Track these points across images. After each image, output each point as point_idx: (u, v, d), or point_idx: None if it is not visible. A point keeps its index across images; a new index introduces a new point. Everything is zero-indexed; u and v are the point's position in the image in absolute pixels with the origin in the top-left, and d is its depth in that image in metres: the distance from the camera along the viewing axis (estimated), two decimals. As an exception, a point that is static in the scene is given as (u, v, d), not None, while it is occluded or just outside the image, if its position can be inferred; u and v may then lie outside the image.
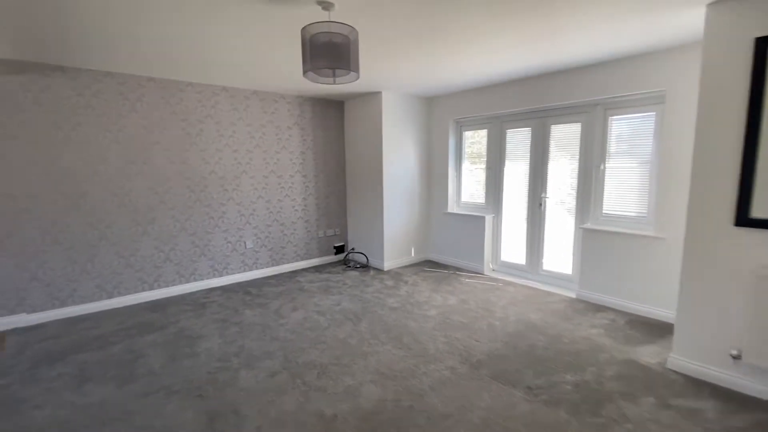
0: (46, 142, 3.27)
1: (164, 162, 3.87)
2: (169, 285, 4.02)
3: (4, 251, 3.16)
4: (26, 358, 2.72)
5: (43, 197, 3.29)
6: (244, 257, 4.53)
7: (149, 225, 3.84)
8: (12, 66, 3.09)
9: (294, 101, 4.78)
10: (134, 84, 3.64)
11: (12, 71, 3.09)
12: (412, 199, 5.12)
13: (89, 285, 3.57)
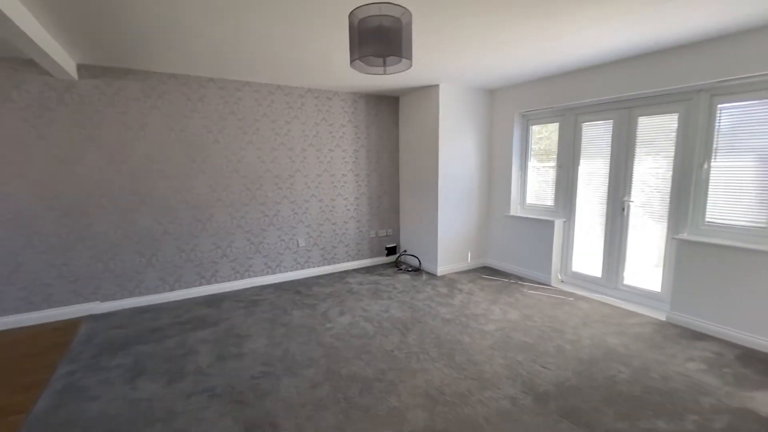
0: (118, 142, 3.47)
1: (222, 161, 3.96)
2: (225, 280, 4.12)
3: (82, 243, 3.42)
4: (93, 345, 2.89)
5: (115, 194, 3.50)
6: (296, 256, 4.53)
7: (208, 221, 3.95)
8: (90, 70, 3.31)
9: (348, 98, 4.67)
10: (196, 85, 3.76)
11: (90, 75, 3.31)
12: (469, 200, 4.76)
13: (153, 277, 3.76)
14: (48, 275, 3.33)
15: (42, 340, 2.99)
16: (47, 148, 3.22)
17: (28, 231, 3.22)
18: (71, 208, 3.35)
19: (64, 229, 3.34)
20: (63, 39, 2.71)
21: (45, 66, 2.88)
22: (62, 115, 3.25)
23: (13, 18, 2.07)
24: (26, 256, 3.24)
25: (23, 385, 2.39)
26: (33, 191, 3.21)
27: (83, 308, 3.48)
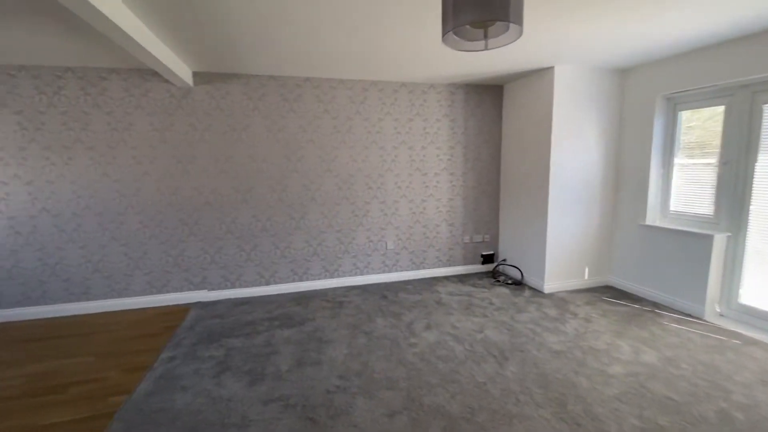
0: (224, 143, 3.70)
1: (316, 160, 3.97)
2: (315, 278, 4.14)
3: (193, 235, 3.74)
4: (195, 333, 3.10)
5: (220, 191, 3.75)
6: (384, 258, 4.34)
7: (301, 219, 4.00)
8: (203, 77, 3.58)
9: (444, 90, 4.29)
10: (293, 85, 3.81)
11: (202, 81, 3.59)
12: (589, 205, 3.95)
13: (252, 271, 3.95)
14: (167, 263, 3.72)
15: (157, 322, 3.33)
16: (168, 150, 3.58)
17: (152, 223, 3.63)
18: (185, 203, 3.69)
19: (179, 223, 3.70)
20: (179, 50, 2.93)
21: (166, 75, 3.17)
22: (180, 120, 3.58)
23: (135, 37, 2.30)
24: (151, 246, 3.66)
25: (134, 365, 2.63)
26: (157, 188, 3.60)
27: (194, 296, 3.82)
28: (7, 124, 3.24)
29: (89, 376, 2.51)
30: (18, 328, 3.27)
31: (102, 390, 2.34)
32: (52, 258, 3.46)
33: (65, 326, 3.29)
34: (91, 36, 2.63)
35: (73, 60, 3.17)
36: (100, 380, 2.45)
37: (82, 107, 3.37)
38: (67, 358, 2.74)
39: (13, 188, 3.31)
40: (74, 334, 3.14)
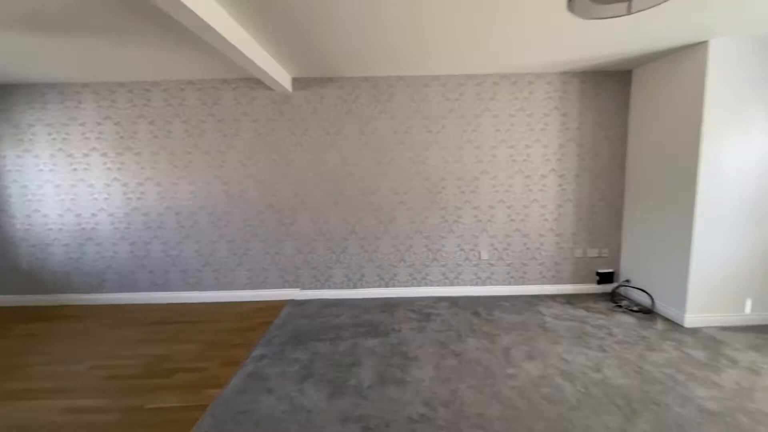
0: (318, 146, 3.76)
1: (406, 162, 3.79)
2: (402, 285, 3.96)
3: (289, 236, 3.88)
4: (285, 331, 3.16)
5: (313, 194, 3.82)
6: (477, 269, 3.95)
7: (389, 224, 3.87)
8: (301, 83, 3.68)
9: (555, 80, 3.72)
10: (385, 85, 3.69)
11: (300, 87, 3.68)
12: (756, 218, 3.02)
13: (340, 273, 3.94)
14: (265, 261, 3.93)
15: (253, 317, 3.51)
16: (268, 154, 3.77)
17: (254, 222, 3.86)
18: (283, 204, 3.84)
19: (277, 223, 3.87)
20: (281, 57, 3.03)
21: (269, 83, 3.31)
22: (280, 125, 3.73)
23: (243, 49, 2.46)
24: (252, 244, 3.90)
25: (229, 358, 2.76)
26: (259, 190, 3.82)
27: (288, 293, 3.96)
28: (143, 132, 3.75)
29: (193, 364, 2.70)
30: (146, 310, 3.76)
31: (201, 380, 2.49)
32: (174, 251, 3.91)
33: (181, 312, 3.67)
34: (208, 51, 2.84)
35: (193, 74, 3.51)
36: (200, 370, 2.62)
37: (200, 116, 3.73)
38: (178, 344, 3.01)
39: (147, 188, 3.83)
40: (187, 320, 3.48)
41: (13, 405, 2.27)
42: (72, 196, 3.85)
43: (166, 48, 2.80)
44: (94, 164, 3.80)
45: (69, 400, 2.31)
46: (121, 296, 3.97)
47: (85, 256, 3.92)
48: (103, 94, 3.71)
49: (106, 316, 3.65)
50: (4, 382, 2.52)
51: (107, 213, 3.86)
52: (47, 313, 3.74)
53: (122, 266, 3.93)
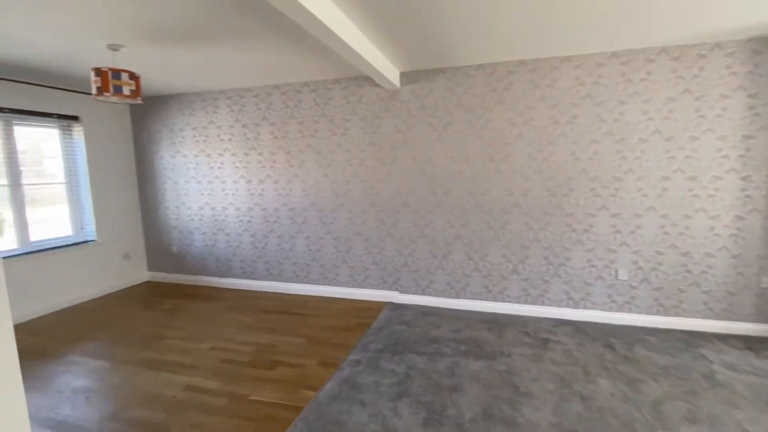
0: (424, 143, 3.52)
1: (525, 159, 3.29)
2: (513, 301, 3.48)
3: (390, 236, 3.75)
4: (382, 336, 3.03)
5: (417, 193, 3.61)
6: (612, 290, 3.23)
7: (501, 229, 3.42)
8: (408, 77, 3.49)
9: (740, 50, 2.78)
10: (503, 72, 3.25)
11: (408, 81, 3.50)
12: None
13: (442, 280, 3.66)
14: (367, 260, 3.88)
15: (353, 317, 3.47)
16: (374, 152, 3.69)
17: (357, 221, 3.84)
18: (385, 204, 3.72)
19: (379, 223, 3.77)
20: (390, 52, 2.90)
21: (377, 80, 3.21)
22: (386, 122, 3.61)
23: (354, 46, 2.36)
24: (355, 242, 3.88)
25: (328, 358, 2.73)
26: (363, 188, 3.78)
27: (387, 295, 3.85)
28: (265, 134, 4.04)
29: (294, 359, 2.75)
30: (261, 297, 4.07)
31: (299, 378, 2.50)
32: (287, 244, 4.15)
33: (290, 303, 3.86)
34: (323, 52, 2.85)
35: (309, 76, 3.63)
36: (300, 366, 2.64)
37: (313, 116, 3.85)
38: (284, 335, 3.13)
39: (266, 185, 4.13)
40: (294, 312, 3.63)
41: (149, 374, 2.60)
42: (209, 191, 4.38)
43: (286, 52, 2.90)
44: (226, 163, 4.25)
45: (190, 377, 2.54)
46: (243, 282, 4.38)
47: (217, 243, 4.44)
48: (234, 99, 4.11)
49: (229, 299, 4.06)
50: (146, 351, 2.93)
51: (235, 207, 4.30)
52: (188, 291, 4.35)
53: (245, 255, 4.34)
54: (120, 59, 2.93)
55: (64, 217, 4.07)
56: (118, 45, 2.64)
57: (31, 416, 2.17)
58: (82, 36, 2.48)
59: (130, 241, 4.64)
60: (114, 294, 4.32)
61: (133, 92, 2.68)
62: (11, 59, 2.94)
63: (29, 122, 3.70)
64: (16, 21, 2.24)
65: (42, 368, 2.70)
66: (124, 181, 4.55)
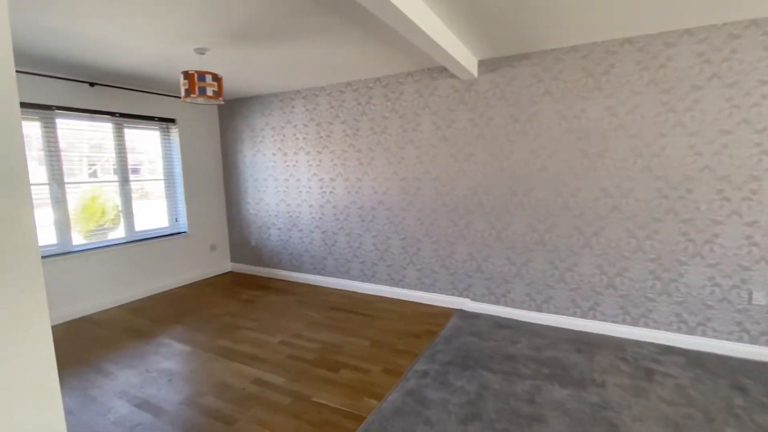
0: (504, 136, 3.20)
1: (627, 153, 2.80)
2: (608, 320, 3.00)
3: (462, 238, 3.49)
4: (451, 348, 2.80)
5: (494, 193, 3.29)
6: (743, 317, 2.60)
7: (594, 236, 2.97)
8: (487, 65, 3.19)
9: None
10: (601, 53, 2.79)
11: (487, 70, 3.20)
12: None
13: (520, 290, 3.30)
14: (435, 263, 3.66)
15: (420, 322, 3.29)
16: (446, 148, 3.45)
17: (427, 222, 3.65)
18: (457, 204, 3.47)
19: (450, 224, 3.53)
20: (468, 38, 2.66)
21: (453, 69, 2.98)
22: (461, 116, 3.35)
23: (430, 33, 2.18)
24: (424, 243, 3.69)
25: (393, 366, 2.59)
26: (434, 187, 3.57)
27: (456, 301, 3.60)
28: (337, 132, 4.04)
29: (359, 363, 2.65)
30: (329, 294, 4.08)
31: (363, 384, 2.39)
32: (355, 242, 4.11)
33: (356, 302, 3.81)
34: (397, 44, 2.72)
35: (380, 71, 3.52)
36: (364, 371, 2.54)
37: (384, 112, 3.74)
38: (350, 336, 3.07)
39: (337, 183, 4.13)
40: (360, 312, 3.57)
41: (223, 362, 2.71)
42: (285, 189, 4.53)
43: (361, 47, 2.82)
44: (300, 161, 4.36)
45: (259, 370, 2.59)
46: (313, 278, 4.46)
47: (291, 239, 4.58)
48: (309, 98, 4.18)
49: (300, 293, 4.15)
50: (223, 339, 3.08)
51: (308, 204, 4.38)
52: (263, 284, 4.55)
53: (316, 251, 4.41)
54: (206, 62, 3.11)
55: (161, 211, 4.52)
56: (204, 48, 2.79)
57: (121, 392, 2.37)
58: (173, 42, 2.66)
59: (216, 233, 5.02)
60: (200, 282, 4.69)
61: (216, 93, 2.81)
62: (119, 67, 3.29)
63: (136, 125, 4.16)
64: (120, 31, 2.46)
65: (137, 347, 2.97)
66: (211, 178, 4.93)
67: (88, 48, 2.74)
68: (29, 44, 2.64)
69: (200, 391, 2.37)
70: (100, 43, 2.66)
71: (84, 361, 2.78)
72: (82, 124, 3.72)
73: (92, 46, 2.72)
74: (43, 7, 2.10)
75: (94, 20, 2.28)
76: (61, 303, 3.51)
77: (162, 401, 2.27)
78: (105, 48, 2.76)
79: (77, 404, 2.26)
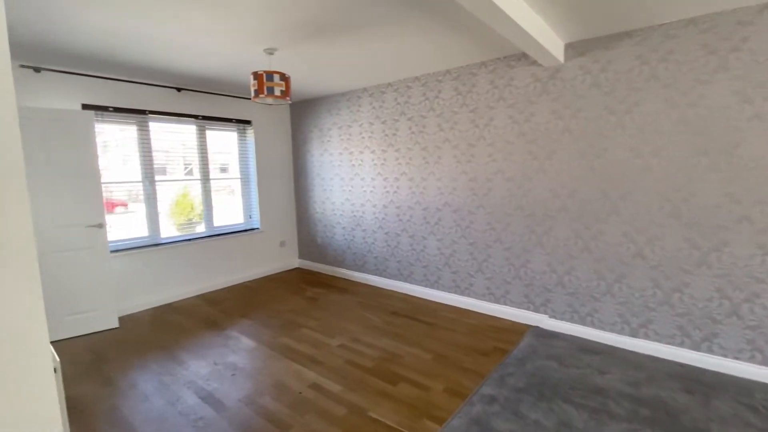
0: (595, 131, 2.75)
1: (765, 150, 2.21)
2: (728, 355, 2.41)
3: (541, 246, 3.10)
4: (524, 372, 2.47)
5: (582, 196, 2.86)
6: None
7: (714, 252, 2.41)
8: (576, 48, 2.77)
9: None
10: (730, 24, 2.24)
11: (576, 54, 2.78)
12: None
13: (610, 310, 2.82)
14: (508, 273, 3.32)
15: (489, 338, 2.99)
16: (524, 144, 3.09)
17: (499, 226, 3.31)
18: (536, 207, 3.09)
19: (526, 230, 3.16)
20: (554, 18, 2.32)
21: (535, 55, 2.64)
22: (542, 108, 2.97)
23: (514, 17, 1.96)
24: (494, 250, 3.37)
25: (456, 385, 2.36)
26: (508, 188, 3.22)
27: (531, 317, 3.22)
28: (403, 129, 3.88)
29: (419, 377, 2.46)
30: (390, 297, 3.94)
31: (422, 403, 2.20)
32: (419, 245, 3.91)
33: (418, 308, 3.62)
34: (471, 31, 2.47)
35: (450, 62, 3.27)
36: (424, 388, 2.34)
37: (453, 107, 3.48)
38: (411, 346, 2.89)
39: (401, 183, 3.97)
40: (422, 320, 3.37)
41: (284, 362, 2.70)
42: (350, 188, 4.50)
43: (432, 36, 2.63)
44: (365, 161, 4.28)
45: (316, 374, 2.53)
46: (375, 279, 4.36)
47: (355, 238, 4.54)
48: (375, 95, 4.08)
49: (361, 294, 4.08)
50: (285, 337, 3.10)
51: (371, 204, 4.29)
52: (327, 282, 4.57)
53: (378, 252, 4.30)
54: (275, 62, 3.14)
55: (237, 207, 4.77)
56: (273, 49, 2.81)
57: (190, 382, 2.47)
58: (244, 43, 2.71)
59: (286, 230, 5.18)
60: (270, 277, 4.88)
61: (283, 93, 2.81)
62: (200, 72, 3.48)
63: (216, 127, 4.43)
64: (201, 36, 2.56)
65: (209, 338, 3.12)
66: (282, 177, 5.09)
67: (173, 53, 2.92)
68: (130, 54, 2.89)
69: (259, 390, 2.37)
70: (182, 48, 2.80)
71: (164, 347, 2.98)
72: (170, 127, 4.04)
73: (176, 52, 2.89)
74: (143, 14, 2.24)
75: (175, 26, 2.39)
76: (149, 290, 3.85)
77: (224, 396, 2.31)
78: (187, 53, 2.91)
79: (152, 390, 2.40)
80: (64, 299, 3.13)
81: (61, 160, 3.05)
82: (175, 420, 2.10)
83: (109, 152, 3.70)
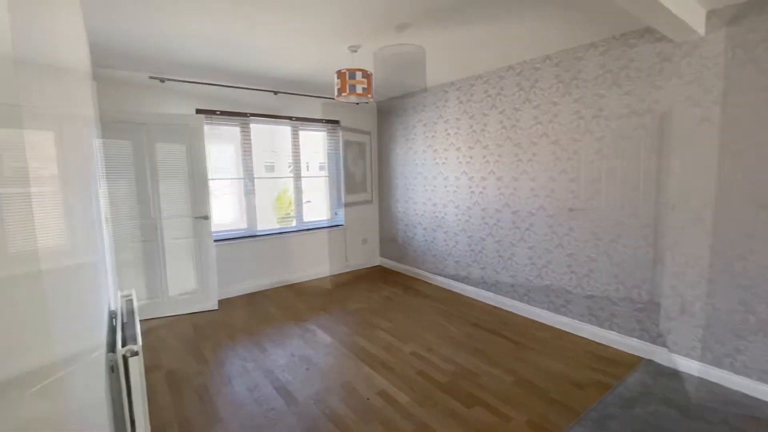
0: (753, 119, 2.11)
1: None
2: None
3: (662, 264, 2.53)
4: (632, 416, 2.02)
5: (724, 200, 2.24)
6: None
7: None
8: (721, 16, 2.15)
9: None
10: None
11: (721, 23, 2.16)
12: None
13: (763, 353, 2.16)
14: (615, 293, 2.79)
15: (586, 367, 2.54)
16: (643, 137, 2.54)
17: (605, 237, 2.80)
18: (647, 213, 2.53)
19: (643, 242, 2.61)
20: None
21: (664, 29, 2.15)
22: (670, 93, 2.40)
23: None
24: (599, 264, 2.86)
25: (543, 419, 2.03)
26: (617, 192, 2.70)
27: (645, 348, 2.66)
28: (492, 124, 3.55)
29: (498, 404, 2.19)
30: (471, 305, 3.66)
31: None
32: (507, 252, 3.56)
33: (503, 322, 3.29)
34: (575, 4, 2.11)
35: (551, 46, 2.87)
36: (504, 417, 2.07)
37: (553, 97, 3.06)
38: (491, 365, 2.61)
39: (488, 183, 3.65)
40: (506, 336, 3.04)
41: (355, 363, 2.66)
42: (432, 187, 4.32)
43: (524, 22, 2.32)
44: (450, 159, 4.05)
45: (385, 380, 2.43)
46: (456, 284, 4.12)
47: (435, 240, 4.35)
48: (463, 89, 3.82)
49: (439, 299, 3.88)
50: (360, 336, 3.07)
51: (454, 205, 4.05)
52: (405, 282, 4.48)
53: (460, 257, 4.05)
54: (358, 60, 3.12)
55: (324, 204, 4.96)
56: (356, 46, 2.78)
57: (268, 371, 2.58)
58: (330, 41, 2.72)
59: (368, 228, 5.23)
60: (351, 272, 4.97)
61: (365, 90, 2.76)
62: (292, 75, 3.65)
63: (308, 128, 4.64)
64: (290, 40, 2.65)
65: (290, 328, 3.26)
66: (367, 175, 5.14)
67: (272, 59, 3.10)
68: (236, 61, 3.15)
69: (329, 389, 2.36)
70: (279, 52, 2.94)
71: (251, 332, 3.20)
72: (268, 128, 4.36)
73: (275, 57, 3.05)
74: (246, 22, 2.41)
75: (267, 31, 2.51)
76: (244, 277, 4.21)
77: (296, 390, 2.36)
78: (282, 56, 3.05)
79: (236, 374, 2.57)
80: (177, 280, 3.57)
81: (177, 158, 3.48)
82: (250, 407, 2.20)
83: (214, 151, 4.13)
